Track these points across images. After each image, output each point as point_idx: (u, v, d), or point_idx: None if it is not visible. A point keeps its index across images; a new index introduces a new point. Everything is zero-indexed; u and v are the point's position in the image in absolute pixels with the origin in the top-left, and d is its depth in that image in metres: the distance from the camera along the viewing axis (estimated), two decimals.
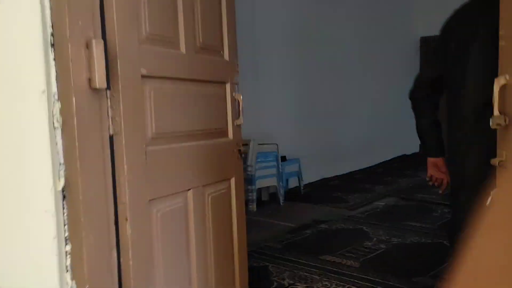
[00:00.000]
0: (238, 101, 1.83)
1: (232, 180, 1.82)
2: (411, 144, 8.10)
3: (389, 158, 7.43)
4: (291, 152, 5.24)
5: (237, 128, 1.84)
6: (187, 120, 1.56)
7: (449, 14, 1.84)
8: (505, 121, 1.22)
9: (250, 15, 4.90)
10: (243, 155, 1.86)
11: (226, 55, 1.79)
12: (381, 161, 7.22)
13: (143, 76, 1.36)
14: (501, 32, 1.25)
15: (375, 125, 7.05)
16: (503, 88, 1.24)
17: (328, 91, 6.08)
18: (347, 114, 6.45)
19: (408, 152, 7.95)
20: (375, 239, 3.47)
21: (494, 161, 1.25)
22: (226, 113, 1.79)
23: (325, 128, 6.05)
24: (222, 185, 1.75)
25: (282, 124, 5.31)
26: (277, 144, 4.73)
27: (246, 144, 4.56)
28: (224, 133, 1.78)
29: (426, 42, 8.04)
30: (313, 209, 4.55)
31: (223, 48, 1.77)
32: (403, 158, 7.64)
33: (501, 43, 1.26)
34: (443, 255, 3.11)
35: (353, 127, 6.57)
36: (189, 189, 1.56)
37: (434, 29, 7.52)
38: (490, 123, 1.25)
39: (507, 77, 1.23)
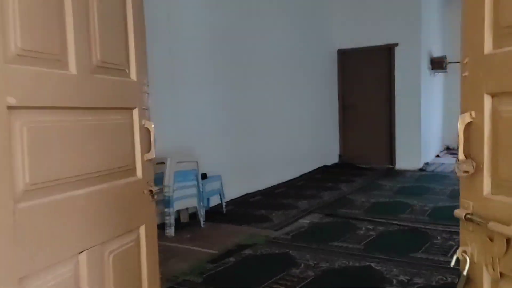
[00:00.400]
0: (149, 130, 1.49)
1: (142, 229, 1.47)
2: (331, 155, 8.19)
3: (310, 170, 7.40)
4: (212, 168, 4.94)
5: (147, 163, 1.50)
6: (78, 160, 1.20)
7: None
8: (473, 166, 1.02)
9: (165, 21, 4.54)
10: (155, 196, 1.52)
11: (134, 74, 1.45)
12: (303, 173, 7.16)
13: (10, 107, 0.98)
14: (464, 61, 1.06)
15: (296, 136, 6.98)
16: (468, 126, 1.05)
17: (249, 103, 5.87)
18: (268, 126, 6.28)
19: (328, 163, 8.01)
20: (302, 265, 3.27)
21: (459, 213, 1.05)
22: (134, 146, 1.44)
23: (246, 141, 5.82)
24: (129, 238, 1.40)
25: (201, 139, 4.99)
26: (197, 162, 4.39)
27: (162, 163, 4.18)
28: (131, 171, 1.43)
29: (343, 55, 8.20)
30: (236, 230, 4.27)
31: (129, 65, 1.43)
32: (323, 169, 7.67)
33: (464, 73, 1.06)
34: (372, 280, 2.99)
35: (274, 139, 6.43)
36: (81, 252, 1.19)
37: (350, 43, 7.65)
38: (456, 170, 1.05)
39: (473, 114, 1.03)
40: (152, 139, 1.49)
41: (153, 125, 1.48)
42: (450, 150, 10.27)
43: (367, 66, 8.03)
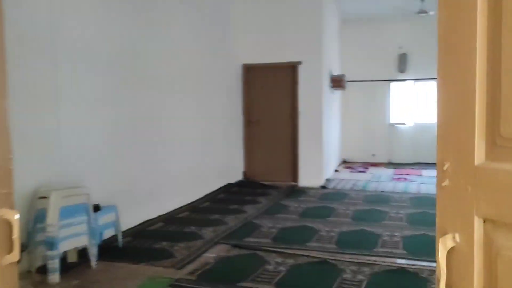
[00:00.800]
0: (11, 222, 1.06)
1: None
2: (235, 172, 7.97)
3: (214, 189, 7.09)
4: (106, 197, 4.39)
5: (9, 269, 1.07)
6: None
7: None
8: None
9: (49, 28, 3.92)
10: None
11: None
12: (206, 193, 6.82)
13: None
14: (444, 166, 0.82)
15: (199, 154, 6.63)
16: (450, 252, 0.81)
17: (147, 121, 5.38)
18: (168, 145, 5.84)
19: (233, 181, 7.78)
20: None
21: None
22: None
23: (144, 162, 5.33)
24: None
25: (93, 165, 4.42)
26: (88, 194, 3.84)
27: (45, 197, 3.57)
28: None
29: (248, 70, 8.05)
30: (133, 271, 3.79)
31: None
32: (228, 188, 7.40)
33: (443, 182, 0.83)
34: None
35: (176, 159, 6.01)
36: None
37: (255, 58, 7.59)
38: None
39: (457, 237, 0.80)
40: (15, 235, 1.06)
41: (17, 216, 1.05)
42: (347, 164, 10.70)
43: (272, 82, 7.98)
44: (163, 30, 5.64)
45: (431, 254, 4.10)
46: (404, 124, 10.80)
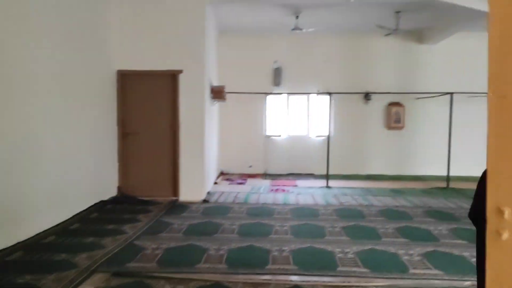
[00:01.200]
0: None
1: None
2: (109, 188, 7.27)
3: (86, 207, 6.34)
4: None
5: None
6: None
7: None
8: None
9: None
10: None
11: None
12: (76, 212, 6.05)
13: None
14: (504, 213, 0.64)
15: (66, 169, 5.85)
16: None
17: (3, 133, 4.56)
18: (29, 160, 5.03)
19: (106, 197, 7.08)
20: None
21: None
22: None
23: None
24: None
25: None
26: None
27: None
28: None
29: (123, 77, 7.47)
30: None
31: None
32: (101, 206, 6.69)
33: (502, 235, 0.64)
34: None
35: (38, 176, 5.20)
36: None
37: (132, 64, 7.07)
38: None
39: None
40: None
41: None
42: (225, 176, 10.61)
43: (151, 92, 7.50)
44: (23, 28, 4.86)
45: (321, 268, 4.12)
46: (279, 136, 11.11)
